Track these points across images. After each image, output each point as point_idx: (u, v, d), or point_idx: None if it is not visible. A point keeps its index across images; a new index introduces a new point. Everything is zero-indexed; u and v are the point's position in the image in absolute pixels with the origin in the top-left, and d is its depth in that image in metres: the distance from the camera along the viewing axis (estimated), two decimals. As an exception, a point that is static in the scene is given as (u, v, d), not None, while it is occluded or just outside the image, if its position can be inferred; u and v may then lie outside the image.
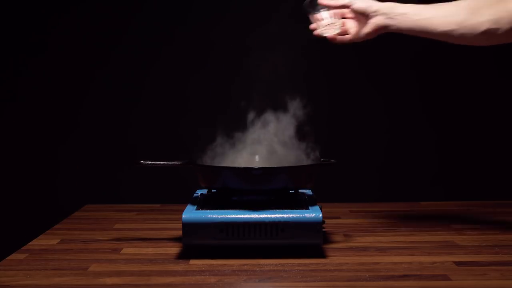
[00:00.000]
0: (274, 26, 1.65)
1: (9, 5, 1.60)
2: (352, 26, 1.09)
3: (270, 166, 1.13)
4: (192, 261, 0.94)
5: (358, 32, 1.07)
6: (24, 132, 1.65)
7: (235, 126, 1.64)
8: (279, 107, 1.71)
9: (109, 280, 0.85)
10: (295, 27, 1.67)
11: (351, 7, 1.06)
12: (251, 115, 1.26)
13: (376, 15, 1.03)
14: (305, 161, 1.12)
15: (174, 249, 1.01)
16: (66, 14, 1.62)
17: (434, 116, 1.66)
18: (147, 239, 1.09)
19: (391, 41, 1.63)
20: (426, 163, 1.66)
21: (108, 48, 1.65)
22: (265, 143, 1.19)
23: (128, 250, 1.02)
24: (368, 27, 1.05)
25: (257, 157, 1.18)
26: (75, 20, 1.63)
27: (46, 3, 1.61)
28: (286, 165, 1.12)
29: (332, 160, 1.08)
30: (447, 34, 0.96)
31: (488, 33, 0.92)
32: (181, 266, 0.92)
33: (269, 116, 1.22)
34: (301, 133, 1.25)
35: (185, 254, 0.97)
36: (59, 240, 1.09)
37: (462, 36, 0.94)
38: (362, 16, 1.06)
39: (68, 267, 0.92)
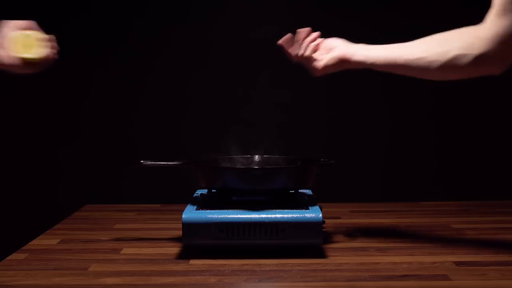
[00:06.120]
0: (274, 26, 1.66)
1: (10, 6, 1.59)
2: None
3: (270, 166, 1.13)
4: (192, 261, 0.94)
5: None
6: (24, 132, 1.65)
7: (235, 126, 1.64)
8: (279, 103, 1.71)
9: (109, 280, 0.85)
10: (295, 26, 1.68)
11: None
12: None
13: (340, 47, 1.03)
14: (305, 161, 1.12)
15: (174, 249, 1.01)
16: (67, 14, 1.62)
17: (435, 116, 1.66)
18: (147, 239, 1.09)
19: (393, 41, 1.64)
20: (426, 163, 1.66)
21: (109, 48, 1.65)
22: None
23: (128, 250, 1.02)
24: (330, 57, 1.02)
25: (257, 157, 1.18)
26: (76, 20, 1.63)
27: (45, 3, 1.61)
28: (286, 165, 1.11)
29: (332, 160, 1.08)
30: (413, 63, 0.95)
31: (456, 59, 0.90)
32: (181, 266, 0.92)
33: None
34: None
35: (185, 254, 0.97)
36: (59, 240, 1.09)
37: (429, 64, 0.93)
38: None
39: (68, 267, 0.92)
